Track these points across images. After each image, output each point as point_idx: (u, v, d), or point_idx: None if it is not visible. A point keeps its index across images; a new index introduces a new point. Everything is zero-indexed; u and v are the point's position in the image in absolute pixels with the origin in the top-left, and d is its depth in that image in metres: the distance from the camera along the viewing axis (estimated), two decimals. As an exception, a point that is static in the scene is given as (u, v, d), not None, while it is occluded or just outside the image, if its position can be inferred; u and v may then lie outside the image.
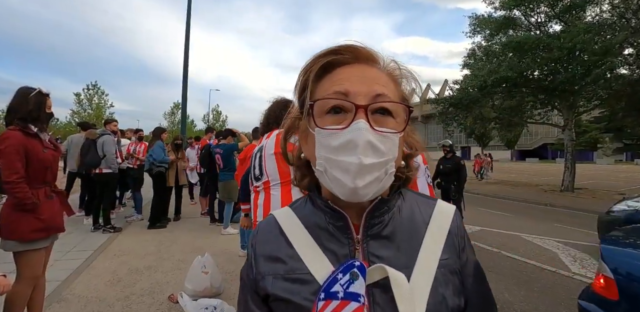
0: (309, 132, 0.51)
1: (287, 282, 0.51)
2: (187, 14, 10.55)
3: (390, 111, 0.49)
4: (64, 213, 2.28)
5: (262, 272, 0.54)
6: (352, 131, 0.45)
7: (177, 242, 4.70)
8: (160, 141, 5.51)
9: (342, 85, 0.48)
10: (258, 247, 0.57)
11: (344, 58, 0.51)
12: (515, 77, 12.97)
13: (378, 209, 0.52)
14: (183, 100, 10.65)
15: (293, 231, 0.55)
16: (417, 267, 0.50)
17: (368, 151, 0.45)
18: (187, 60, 10.48)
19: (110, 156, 4.98)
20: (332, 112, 0.48)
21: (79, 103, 30.61)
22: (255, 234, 0.59)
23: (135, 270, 3.61)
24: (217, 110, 45.85)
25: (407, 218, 0.55)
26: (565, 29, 13.12)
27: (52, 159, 2.12)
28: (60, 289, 3.07)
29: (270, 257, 0.54)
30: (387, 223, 0.53)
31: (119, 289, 3.12)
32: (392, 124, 0.48)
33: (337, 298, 0.45)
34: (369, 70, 0.51)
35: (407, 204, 0.57)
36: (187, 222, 5.98)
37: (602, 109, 16.58)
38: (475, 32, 15.73)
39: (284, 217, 0.58)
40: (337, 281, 0.46)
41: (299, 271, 0.51)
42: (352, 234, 0.52)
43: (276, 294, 0.51)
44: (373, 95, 0.48)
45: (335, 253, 0.51)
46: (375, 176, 0.46)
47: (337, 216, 0.52)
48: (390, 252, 0.51)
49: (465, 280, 0.54)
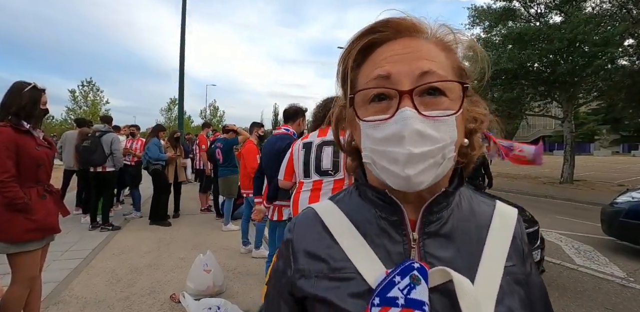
0: (356, 122, 0.47)
1: (331, 282, 0.45)
2: (182, 8, 10.35)
3: (441, 90, 0.43)
4: (59, 213, 2.18)
5: (302, 270, 0.48)
6: (397, 121, 0.41)
7: (177, 240, 4.63)
8: (155, 138, 5.40)
9: (383, 67, 0.44)
10: (297, 243, 0.51)
11: (383, 35, 0.46)
12: (515, 69, 12.89)
13: (438, 203, 0.47)
14: (180, 95, 10.49)
15: (337, 226, 0.50)
16: (480, 273, 0.44)
17: (417, 141, 0.40)
18: (183, 55, 10.30)
19: (119, 154, 4.99)
20: (377, 100, 0.44)
21: (74, 100, 30.27)
22: (292, 229, 0.53)
23: (135, 269, 3.54)
24: (214, 105, 45.58)
25: (467, 217, 0.49)
26: (565, 20, 13.00)
27: (45, 158, 2.03)
28: (58, 290, 3.00)
29: (312, 254, 0.49)
30: (446, 220, 0.47)
31: (119, 289, 3.05)
32: (446, 104, 0.43)
33: (396, 305, 0.40)
34: (414, 43, 0.45)
35: (466, 201, 0.51)
36: (187, 219, 5.91)
37: (600, 100, 16.56)
38: (474, 24, 15.58)
39: (326, 210, 0.53)
40: (394, 285, 0.41)
41: (346, 270, 0.45)
42: (408, 230, 0.47)
43: (317, 294, 0.46)
44: (418, 74, 0.42)
45: (387, 251, 0.46)
46: (429, 163, 0.41)
47: (392, 209, 0.47)
48: (449, 254, 0.45)
49: (531, 293, 0.48)
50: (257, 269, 3.57)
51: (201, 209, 6.57)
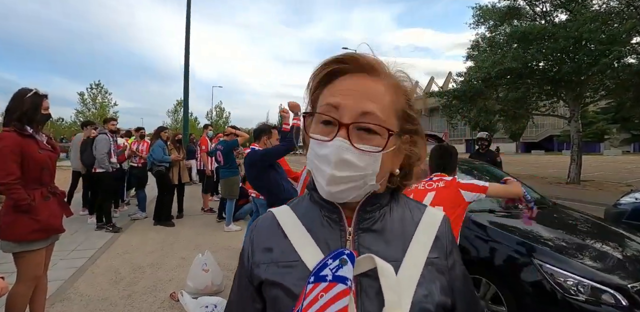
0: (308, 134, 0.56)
1: (280, 269, 0.55)
2: (187, 9, 10.48)
3: (374, 130, 0.50)
4: (63, 214, 2.26)
5: (257, 261, 0.58)
6: (331, 146, 0.49)
7: (180, 240, 4.72)
8: (160, 140, 5.48)
9: (335, 98, 0.51)
10: (255, 240, 0.61)
11: (346, 67, 0.53)
12: (520, 69, 12.75)
13: (370, 204, 0.56)
14: (185, 97, 10.63)
15: (289, 224, 0.59)
16: (405, 262, 0.53)
17: (342, 167, 0.49)
18: (187, 57, 10.44)
19: (100, 156, 4.88)
20: (324, 124, 0.52)
21: (82, 102, 30.82)
22: (254, 228, 0.64)
23: (138, 268, 3.63)
24: (220, 106, 45.94)
25: (398, 218, 0.59)
26: (571, 18, 12.84)
27: (48, 160, 2.11)
28: (63, 288, 3.09)
29: (266, 247, 0.59)
30: (377, 219, 0.57)
31: (122, 287, 3.14)
32: (376, 141, 0.50)
33: (325, 280, 0.48)
34: (368, 82, 0.52)
35: (399, 206, 0.61)
36: (190, 219, 6.01)
37: (609, 99, 16.30)
38: (479, 23, 15.47)
39: (281, 212, 0.63)
40: (326, 266, 0.50)
41: (292, 259, 0.55)
42: (345, 225, 0.56)
43: (268, 278, 0.55)
44: (360, 112, 0.50)
45: (327, 243, 0.55)
46: (349, 186, 0.50)
47: (332, 208, 0.57)
48: (379, 246, 0.54)
49: (453, 284, 0.58)
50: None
51: (203, 209, 6.67)
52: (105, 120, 5.53)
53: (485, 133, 5.50)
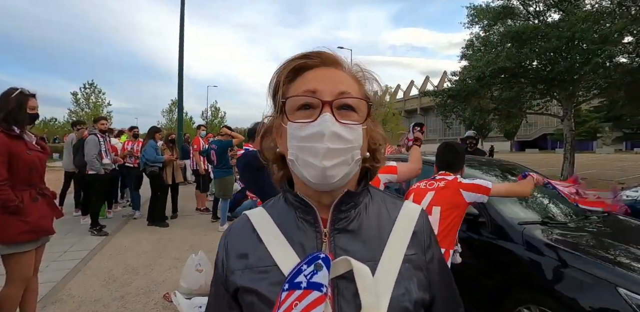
0: (282, 127, 0.55)
1: (255, 275, 0.54)
2: (180, 8, 10.41)
3: (353, 107, 0.54)
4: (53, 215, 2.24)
5: (231, 268, 0.57)
6: (319, 124, 0.50)
7: (174, 240, 4.70)
8: (152, 141, 5.44)
9: (311, 84, 0.54)
10: (229, 246, 0.60)
11: (313, 62, 0.56)
12: (514, 68, 12.85)
13: (345, 203, 0.55)
14: (179, 97, 10.56)
15: (264, 228, 0.58)
16: (382, 261, 0.53)
17: (334, 139, 0.50)
18: (182, 56, 10.36)
19: (89, 158, 4.74)
20: (303, 109, 0.53)
21: (76, 102, 30.47)
22: (228, 233, 0.62)
23: (132, 269, 3.60)
24: (215, 106, 45.68)
25: (374, 215, 0.58)
26: (563, 18, 12.95)
27: (37, 161, 2.09)
28: (55, 290, 3.06)
29: (240, 253, 0.57)
30: (353, 218, 0.56)
31: (115, 288, 3.12)
32: (355, 117, 0.54)
33: (299, 288, 0.47)
34: (334, 72, 0.57)
35: (375, 202, 0.60)
36: (185, 220, 5.98)
37: (601, 98, 16.49)
38: (473, 23, 15.54)
39: (256, 215, 0.62)
40: (301, 272, 0.48)
41: (267, 264, 0.54)
42: (320, 227, 0.55)
43: (243, 285, 0.54)
44: (337, 93, 0.53)
45: (303, 246, 0.54)
46: (342, 159, 0.51)
47: (307, 209, 0.56)
48: (356, 246, 0.54)
49: (431, 277, 0.58)
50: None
51: (198, 208, 6.64)
52: (95, 120, 5.34)
53: (473, 132, 5.56)
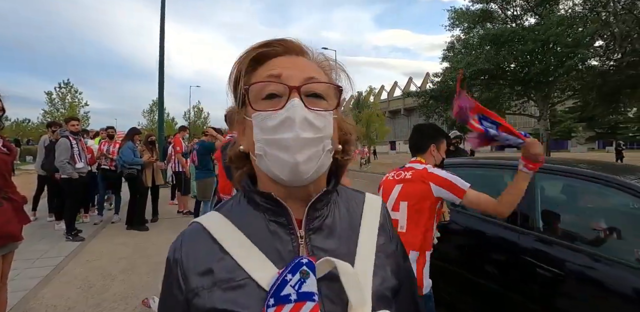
0: (246, 121, 0.51)
1: (226, 293, 0.45)
2: (161, 6, 10.18)
3: (322, 95, 0.51)
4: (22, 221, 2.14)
5: (194, 288, 0.47)
6: (288, 110, 0.47)
7: (154, 244, 4.58)
8: (130, 142, 5.28)
9: (276, 70, 0.50)
10: (185, 262, 0.50)
11: (275, 50, 0.53)
12: (493, 70, 13.25)
13: (320, 201, 0.52)
14: (160, 97, 10.33)
15: (226, 237, 0.50)
16: (358, 255, 0.52)
17: (305, 126, 0.46)
18: (162, 55, 10.14)
19: (58, 163, 4.50)
20: (268, 99, 0.49)
21: (50, 102, 29.31)
22: (179, 247, 0.52)
23: (109, 275, 3.49)
24: (198, 107, 44.96)
25: (344, 210, 0.57)
26: (539, 22, 13.44)
27: (1, 163, 1.99)
28: (26, 299, 2.93)
29: (203, 270, 0.48)
30: (327, 215, 0.54)
31: (90, 295, 3.01)
32: (324, 105, 0.51)
33: (289, 301, 0.42)
34: (300, 60, 0.53)
35: (342, 197, 0.59)
36: (166, 223, 5.83)
37: (575, 99, 17.19)
38: (454, 26, 15.94)
39: (212, 222, 0.53)
40: (287, 283, 0.43)
41: (240, 278, 0.46)
42: (295, 229, 0.51)
43: (215, 307, 0.45)
44: (305, 78, 0.50)
45: (279, 252, 0.49)
46: (313, 151, 0.47)
47: (279, 211, 0.51)
48: (332, 244, 0.52)
49: (399, 262, 0.59)
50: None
51: (180, 211, 6.50)
52: (66, 121, 5.00)
53: (457, 132, 5.67)
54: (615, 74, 12.55)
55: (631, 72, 11.96)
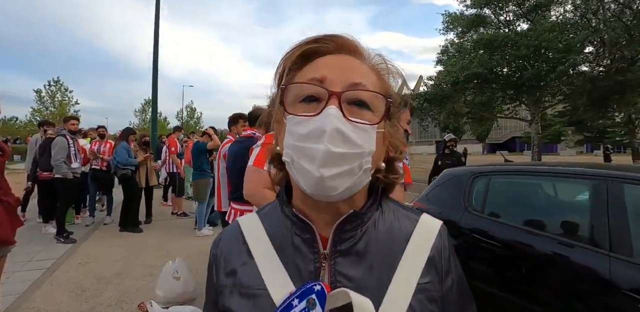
0: (283, 121, 0.47)
1: (242, 299, 0.47)
2: (155, 4, 10.07)
3: (367, 104, 0.44)
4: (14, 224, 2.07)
5: (221, 285, 0.50)
6: (321, 118, 0.41)
7: (148, 246, 4.50)
8: (124, 142, 5.19)
9: (320, 71, 0.45)
10: (220, 258, 0.53)
11: (326, 47, 0.47)
12: (486, 74, 13.43)
13: (350, 222, 0.47)
14: (153, 96, 10.20)
15: (255, 241, 0.51)
16: (390, 292, 0.44)
17: (337, 140, 0.40)
18: (156, 54, 10.03)
19: (55, 162, 4.42)
20: (306, 101, 0.45)
21: (40, 100, 28.73)
22: (218, 242, 0.55)
23: (103, 278, 3.41)
24: (191, 106, 44.57)
25: (384, 233, 0.49)
26: (531, 28, 13.68)
27: None
28: (18, 303, 2.84)
29: (230, 270, 0.50)
30: (359, 238, 0.47)
31: (84, 299, 2.94)
32: (369, 117, 0.44)
33: None
34: (351, 61, 0.47)
35: (386, 217, 0.51)
36: (160, 224, 5.75)
37: (565, 103, 17.51)
38: (448, 30, 16.12)
39: (248, 224, 0.54)
40: (291, 308, 0.41)
41: (256, 286, 0.47)
42: (319, 248, 0.47)
43: (230, 308, 0.47)
44: (350, 83, 0.44)
45: (299, 269, 0.46)
46: (345, 169, 0.41)
47: (304, 226, 0.47)
48: (360, 272, 0.45)
49: (447, 308, 0.48)
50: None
51: (175, 213, 6.42)
52: (65, 119, 4.99)
53: (452, 135, 5.86)
54: (604, 79, 12.83)
55: (620, 78, 12.24)
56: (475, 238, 2.12)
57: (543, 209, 2.30)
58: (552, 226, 1.98)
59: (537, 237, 1.87)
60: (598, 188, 1.78)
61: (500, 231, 2.06)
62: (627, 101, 13.64)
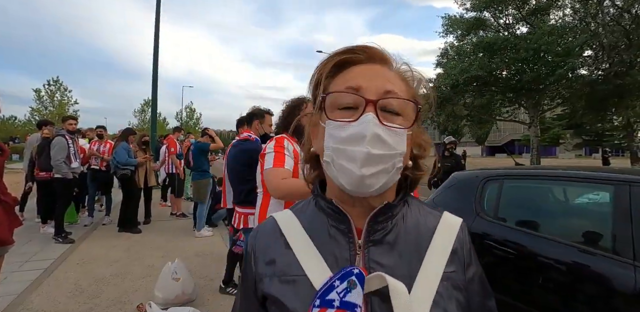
0: (320, 125, 0.53)
1: (282, 284, 0.51)
2: (156, 5, 10.08)
3: (397, 111, 0.50)
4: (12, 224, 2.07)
5: (260, 273, 0.54)
6: (360, 124, 0.47)
7: (147, 247, 4.49)
8: (124, 143, 5.18)
9: (355, 81, 0.50)
10: (257, 249, 0.57)
11: (358, 57, 0.53)
12: (486, 76, 13.47)
13: (382, 214, 0.52)
14: (153, 97, 10.19)
15: (292, 233, 0.55)
16: (419, 278, 0.49)
17: (376, 143, 0.46)
18: (156, 54, 10.03)
19: (55, 162, 4.42)
20: (344, 109, 0.50)
21: (39, 100, 28.68)
22: (255, 236, 0.60)
23: (101, 279, 3.39)
24: (190, 107, 44.58)
25: (412, 227, 0.54)
26: (531, 31, 13.74)
27: None
28: (14, 304, 2.82)
29: (268, 259, 0.54)
30: (390, 230, 0.52)
31: (82, 300, 2.92)
32: (400, 121, 0.50)
33: (332, 307, 0.44)
34: (381, 69, 0.53)
35: (413, 213, 0.56)
36: (159, 225, 5.73)
37: (564, 107, 17.58)
38: (447, 32, 16.18)
39: (284, 219, 0.58)
40: (333, 289, 0.45)
41: (296, 273, 0.51)
42: (354, 238, 0.51)
43: (271, 294, 0.51)
44: (383, 92, 0.50)
45: (335, 256, 0.51)
46: (381, 168, 0.47)
47: (340, 218, 0.52)
48: (391, 260, 0.50)
49: (472, 298, 0.53)
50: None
51: (173, 213, 6.40)
52: (63, 119, 4.98)
53: (452, 138, 5.90)
54: (603, 83, 12.88)
55: (619, 81, 12.29)
56: (488, 245, 1.99)
57: (560, 215, 2.21)
58: (570, 233, 1.89)
59: (556, 245, 1.77)
60: (620, 193, 1.68)
61: (516, 237, 1.95)
62: (626, 105, 13.69)
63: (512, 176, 2.38)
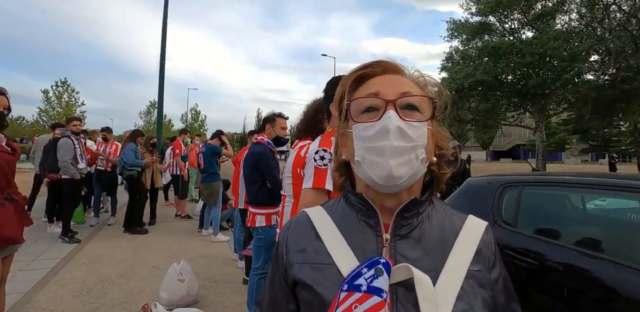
0: (347, 133, 0.58)
1: (312, 271, 0.54)
2: (164, 8, 10.19)
3: (416, 107, 0.55)
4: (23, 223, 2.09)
5: (291, 261, 0.58)
6: (384, 120, 0.52)
7: (152, 248, 4.51)
8: (132, 144, 5.23)
9: (374, 88, 0.56)
10: (289, 239, 0.61)
11: (374, 71, 0.59)
12: (491, 81, 13.42)
13: (409, 210, 0.55)
14: (159, 99, 10.28)
15: (323, 226, 0.59)
16: (444, 273, 0.51)
17: (398, 135, 0.51)
18: (163, 57, 10.13)
19: (62, 163, 4.48)
20: (367, 112, 0.55)
21: (47, 101, 29.05)
22: (288, 228, 0.64)
23: (107, 279, 3.42)
24: (195, 109, 44.84)
25: (437, 226, 0.56)
26: (536, 36, 13.69)
27: (4, 164, 1.95)
28: (21, 303, 2.86)
29: (300, 248, 0.58)
30: (416, 226, 0.55)
31: (88, 300, 2.94)
32: (419, 116, 0.55)
33: (360, 290, 0.47)
34: (397, 77, 0.59)
35: (438, 213, 0.59)
36: (163, 226, 5.77)
37: (570, 112, 17.47)
38: (452, 37, 16.18)
39: (315, 213, 0.63)
40: (361, 275, 0.48)
41: (324, 261, 0.54)
42: (382, 231, 0.55)
43: (302, 279, 0.55)
44: (400, 92, 0.55)
45: (363, 249, 0.54)
46: (406, 158, 0.51)
47: (369, 212, 0.56)
48: (417, 254, 0.53)
49: (497, 298, 0.54)
50: (234, 278, 3.53)
51: (178, 215, 6.43)
52: (67, 121, 4.98)
53: (456, 142, 5.95)
54: (609, 88, 12.79)
55: (625, 87, 12.20)
56: (508, 255, 1.85)
57: (586, 225, 2.11)
58: (598, 244, 1.77)
59: (583, 256, 1.66)
60: None
61: (538, 247, 1.83)
62: (633, 110, 13.57)
63: (533, 182, 2.25)
